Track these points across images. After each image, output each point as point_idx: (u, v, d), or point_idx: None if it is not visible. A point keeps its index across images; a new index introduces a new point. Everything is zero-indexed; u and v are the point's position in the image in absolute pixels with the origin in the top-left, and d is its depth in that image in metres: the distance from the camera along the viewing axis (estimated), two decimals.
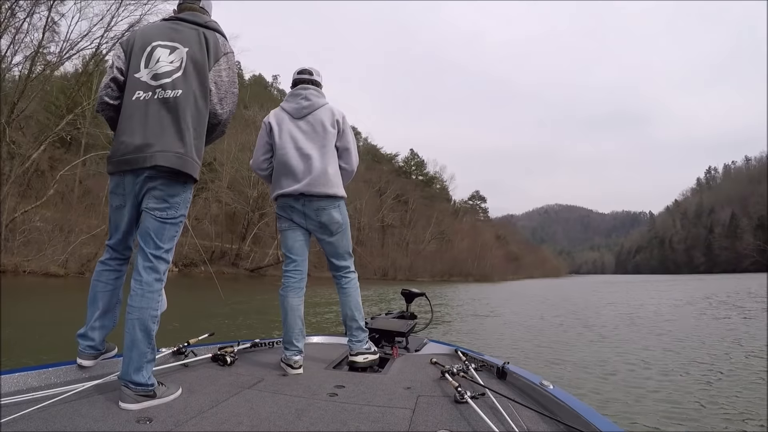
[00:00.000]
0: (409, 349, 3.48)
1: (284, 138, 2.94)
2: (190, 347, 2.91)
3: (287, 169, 2.92)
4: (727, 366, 6.84)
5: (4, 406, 1.81)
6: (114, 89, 2.24)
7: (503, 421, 1.80)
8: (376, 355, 2.96)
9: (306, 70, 3.09)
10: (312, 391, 2.35)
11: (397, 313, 4.01)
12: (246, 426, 1.81)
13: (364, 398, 2.24)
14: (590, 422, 1.68)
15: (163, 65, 2.20)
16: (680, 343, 8.87)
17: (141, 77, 2.19)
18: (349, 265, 3.08)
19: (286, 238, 3.00)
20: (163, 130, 2.10)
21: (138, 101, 2.15)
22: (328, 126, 2.95)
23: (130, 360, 1.99)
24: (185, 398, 2.11)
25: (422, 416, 1.97)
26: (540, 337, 9.75)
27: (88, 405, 1.93)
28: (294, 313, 2.89)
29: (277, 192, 2.96)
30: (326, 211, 2.91)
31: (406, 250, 67.57)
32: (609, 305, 18.53)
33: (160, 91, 2.16)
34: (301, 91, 3.01)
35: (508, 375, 2.57)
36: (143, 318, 2.03)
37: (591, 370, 6.56)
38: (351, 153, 3.07)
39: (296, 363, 2.75)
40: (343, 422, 1.88)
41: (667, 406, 4.86)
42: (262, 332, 8.96)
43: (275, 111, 3.05)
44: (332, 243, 3.00)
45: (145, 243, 2.11)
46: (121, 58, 2.25)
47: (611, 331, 10.82)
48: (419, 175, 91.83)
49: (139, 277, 2.08)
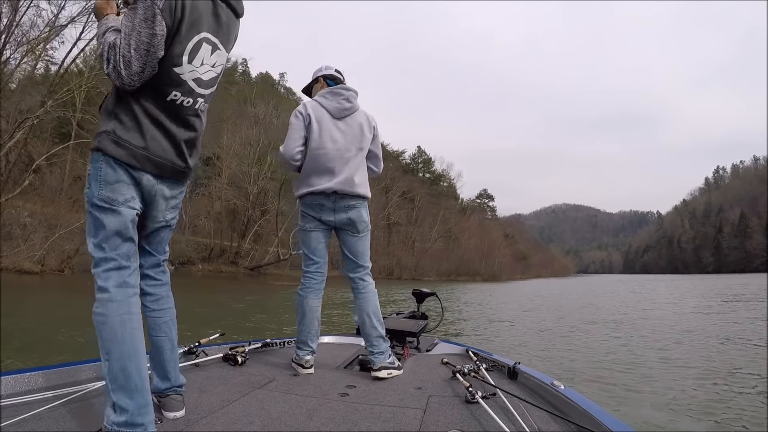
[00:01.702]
0: (420, 349, 3.49)
1: (324, 136, 2.89)
2: (201, 347, 2.92)
3: (323, 168, 2.88)
4: (747, 368, 6.67)
5: (13, 406, 1.84)
6: (156, 47, 1.67)
7: (514, 422, 1.82)
8: (400, 371, 2.80)
9: (339, 71, 3.11)
10: (323, 391, 2.37)
11: (409, 313, 4.04)
12: (257, 426, 1.83)
13: (375, 398, 2.26)
14: (601, 422, 1.68)
15: (207, 70, 1.88)
16: (700, 343, 8.85)
17: (182, 73, 1.80)
18: (369, 267, 3.03)
19: (310, 239, 2.97)
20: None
21: (173, 104, 1.81)
22: (365, 130, 2.98)
23: (174, 363, 1.95)
24: (196, 398, 2.12)
25: (433, 416, 1.98)
26: (555, 340, 9.58)
27: (97, 405, 1.90)
28: (312, 314, 2.92)
29: (307, 190, 2.91)
30: (356, 209, 2.92)
31: (412, 248, 66.47)
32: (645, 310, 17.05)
33: (202, 103, 1.91)
34: (342, 91, 2.96)
35: (519, 375, 2.57)
36: (174, 316, 2.01)
37: (604, 370, 6.51)
38: (380, 159, 3.15)
39: (308, 363, 2.80)
40: (354, 422, 1.90)
41: (679, 405, 4.84)
42: (272, 333, 8.90)
43: (313, 105, 2.95)
44: (356, 242, 2.97)
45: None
46: (165, 24, 1.68)
47: (634, 331, 10.59)
48: (426, 173, 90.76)
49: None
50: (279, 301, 16.40)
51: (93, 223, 1.72)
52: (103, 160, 1.71)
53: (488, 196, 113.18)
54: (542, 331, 10.92)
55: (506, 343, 9.14)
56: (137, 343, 1.65)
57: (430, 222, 72.83)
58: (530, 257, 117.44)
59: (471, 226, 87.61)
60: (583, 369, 6.58)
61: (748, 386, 5.60)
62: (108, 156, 1.70)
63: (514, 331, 11.07)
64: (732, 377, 6.04)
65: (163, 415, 1.87)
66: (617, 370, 6.50)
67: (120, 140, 1.71)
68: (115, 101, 1.75)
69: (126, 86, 1.68)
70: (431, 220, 73.17)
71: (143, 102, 1.74)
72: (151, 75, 1.70)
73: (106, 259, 1.70)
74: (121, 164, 1.71)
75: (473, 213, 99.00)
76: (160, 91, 1.76)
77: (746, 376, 6.08)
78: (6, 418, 1.69)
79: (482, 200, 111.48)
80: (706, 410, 4.70)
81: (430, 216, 73.36)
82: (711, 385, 5.63)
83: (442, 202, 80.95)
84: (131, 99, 1.73)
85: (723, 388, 5.53)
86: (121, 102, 1.74)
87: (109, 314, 1.63)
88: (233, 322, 10.44)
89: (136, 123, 1.74)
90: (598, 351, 8.05)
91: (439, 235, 73.94)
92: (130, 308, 1.68)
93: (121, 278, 1.70)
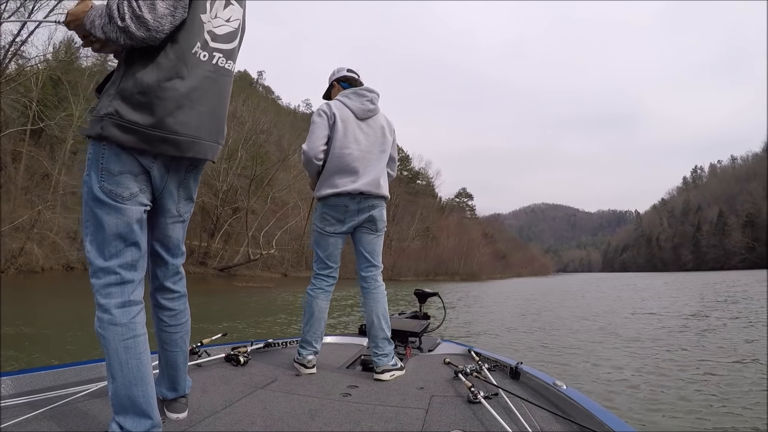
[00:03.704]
0: (422, 349, 3.47)
1: (349, 137, 2.87)
2: (203, 347, 2.92)
3: (348, 169, 2.85)
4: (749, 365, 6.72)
5: (16, 406, 1.84)
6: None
7: (516, 422, 1.82)
8: (403, 371, 2.81)
9: (352, 70, 3.11)
10: (325, 391, 2.38)
11: (411, 313, 4.04)
12: (259, 426, 1.83)
13: (378, 398, 2.27)
14: (604, 423, 1.69)
15: (222, 24, 1.67)
16: (699, 343, 8.73)
17: (204, 23, 1.62)
18: (381, 268, 3.02)
19: (328, 243, 2.95)
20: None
21: (195, 58, 1.60)
22: (387, 133, 3.01)
23: (184, 374, 1.92)
24: (199, 398, 2.12)
25: (435, 416, 1.98)
26: (554, 339, 9.48)
27: (100, 405, 1.91)
28: (320, 315, 2.93)
29: (332, 191, 2.85)
30: (378, 209, 2.94)
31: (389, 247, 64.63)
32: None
33: (220, 58, 1.68)
34: (366, 92, 2.97)
35: (521, 375, 2.57)
36: (189, 328, 1.95)
37: (605, 370, 6.48)
38: (396, 162, 3.18)
39: (310, 363, 2.81)
40: (356, 422, 1.90)
41: (681, 406, 4.82)
42: (275, 333, 8.95)
43: (337, 105, 2.91)
44: (373, 240, 2.98)
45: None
46: None
47: (629, 331, 10.42)
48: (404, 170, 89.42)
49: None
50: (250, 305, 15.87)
51: (92, 220, 1.53)
52: (105, 147, 1.50)
53: (467, 194, 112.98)
54: (537, 330, 10.81)
55: (506, 342, 9.10)
56: (144, 369, 1.53)
57: (408, 221, 71.76)
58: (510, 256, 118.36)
59: (450, 225, 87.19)
60: (585, 369, 6.53)
61: (749, 386, 5.51)
62: (112, 143, 1.49)
63: (502, 329, 11.03)
64: (733, 377, 5.97)
65: (166, 416, 1.85)
66: (618, 369, 6.45)
67: (126, 123, 1.47)
68: (123, 74, 1.51)
69: (150, 38, 1.44)
70: (409, 218, 72.23)
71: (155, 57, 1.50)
72: (182, 18, 1.49)
73: (106, 270, 1.53)
74: (129, 151, 1.51)
75: (452, 212, 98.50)
76: (183, 44, 1.53)
77: (746, 377, 5.98)
78: (6, 418, 1.68)
79: (461, 199, 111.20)
80: (706, 410, 4.68)
81: (407, 215, 72.41)
82: (711, 385, 5.59)
83: (420, 200, 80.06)
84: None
85: (723, 387, 5.48)
86: (129, 73, 1.49)
87: (111, 339, 1.50)
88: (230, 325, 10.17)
89: (148, 95, 1.48)
90: (598, 351, 7.93)
91: (417, 234, 73.08)
92: (136, 331, 1.54)
93: (124, 296, 1.54)
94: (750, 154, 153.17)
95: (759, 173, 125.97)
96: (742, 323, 11.31)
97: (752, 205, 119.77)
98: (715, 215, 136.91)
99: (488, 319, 13.87)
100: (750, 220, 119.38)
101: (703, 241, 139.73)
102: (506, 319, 13.70)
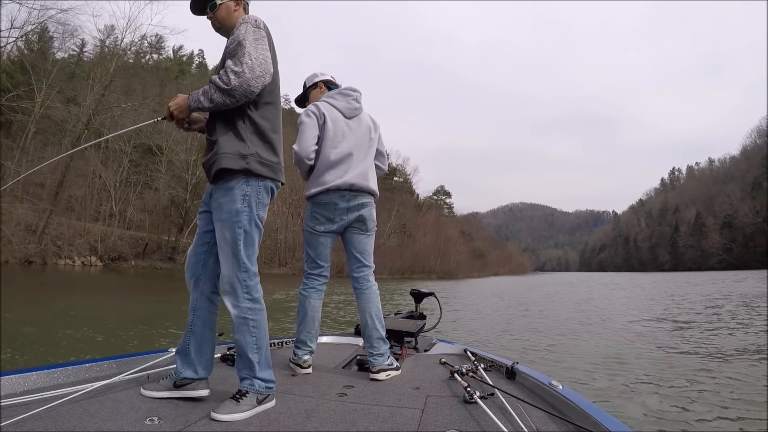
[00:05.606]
0: (418, 349, 3.47)
1: (338, 135, 2.91)
2: None
3: (337, 166, 2.87)
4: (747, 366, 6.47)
5: (13, 406, 1.84)
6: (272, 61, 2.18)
7: (512, 422, 1.81)
8: (399, 371, 2.79)
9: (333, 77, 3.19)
10: (321, 391, 2.38)
11: (406, 313, 4.01)
12: (255, 426, 1.82)
13: (374, 398, 2.26)
14: (600, 422, 1.69)
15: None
16: (696, 341, 8.63)
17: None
18: (373, 267, 3.02)
19: (318, 243, 2.96)
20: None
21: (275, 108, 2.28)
22: (372, 130, 3.05)
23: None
24: (194, 399, 2.12)
25: (431, 416, 1.97)
26: (549, 337, 9.31)
27: (97, 405, 1.92)
28: (314, 314, 2.94)
29: (322, 188, 2.86)
30: (368, 208, 2.94)
31: None
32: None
33: None
34: (351, 92, 3.02)
35: (517, 375, 2.56)
36: None
37: (601, 370, 6.30)
38: (385, 157, 3.19)
39: (306, 362, 2.81)
40: (352, 422, 1.89)
41: (678, 405, 4.68)
42: (270, 333, 7.04)
43: (324, 105, 2.95)
44: (364, 241, 2.97)
45: None
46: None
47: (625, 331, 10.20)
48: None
49: None
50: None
51: (250, 241, 2.04)
52: (261, 185, 2.02)
53: (445, 192, 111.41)
54: (530, 330, 10.55)
55: (505, 343, 8.90)
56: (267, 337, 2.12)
57: (384, 218, 69.60)
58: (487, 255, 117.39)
59: (427, 222, 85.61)
60: (581, 368, 6.37)
61: (749, 386, 5.34)
62: (263, 178, 2.02)
63: (491, 327, 11.03)
64: (732, 377, 5.79)
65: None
66: (615, 369, 6.33)
67: (264, 161, 2.01)
68: (240, 120, 2.00)
69: (254, 90, 1.92)
70: (385, 215, 70.13)
71: (262, 112, 2.05)
72: (271, 77, 1.99)
73: (255, 273, 2.05)
74: (271, 185, 2.08)
75: (429, 209, 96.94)
76: (273, 96, 2.04)
77: (747, 377, 5.79)
78: (6, 418, 1.68)
79: (439, 197, 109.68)
80: (704, 409, 4.55)
81: (384, 211, 70.02)
82: (709, 384, 5.46)
83: (397, 197, 78.17)
84: (249, 111, 2.01)
85: (722, 387, 5.34)
86: (248, 120, 2.01)
87: (260, 320, 2.07)
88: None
89: (265, 138, 2.04)
90: (595, 350, 7.81)
91: (393, 231, 71.70)
92: (265, 313, 2.12)
93: (261, 289, 2.11)
94: (727, 157, 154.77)
95: (736, 176, 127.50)
96: (742, 323, 11.15)
97: (729, 207, 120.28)
98: (692, 216, 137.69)
99: (469, 317, 13.60)
100: (727, 221, 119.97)
101: (681, 242, 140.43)
102: (494, 317, 13.41)
